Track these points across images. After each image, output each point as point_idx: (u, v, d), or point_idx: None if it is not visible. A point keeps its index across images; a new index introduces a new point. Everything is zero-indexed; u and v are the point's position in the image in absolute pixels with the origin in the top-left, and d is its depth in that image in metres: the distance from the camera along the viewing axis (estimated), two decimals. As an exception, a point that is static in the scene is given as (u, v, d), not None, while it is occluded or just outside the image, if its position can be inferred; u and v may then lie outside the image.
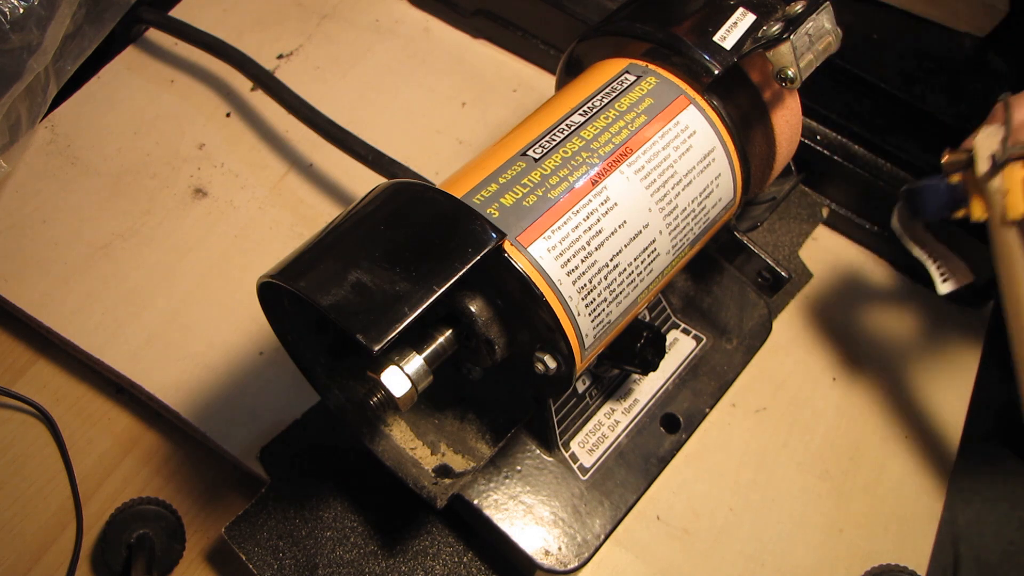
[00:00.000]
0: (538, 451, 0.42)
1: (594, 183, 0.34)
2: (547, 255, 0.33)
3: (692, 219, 0.37)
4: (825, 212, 0.57)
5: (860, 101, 0.55)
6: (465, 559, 0.44)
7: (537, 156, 0.35)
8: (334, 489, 0.45)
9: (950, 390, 0.52)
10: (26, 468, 0.49)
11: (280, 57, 0.64)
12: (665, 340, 0.40)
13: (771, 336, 0.53)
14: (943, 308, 0.54)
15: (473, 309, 0.34)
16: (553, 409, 0.41)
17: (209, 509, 0.49)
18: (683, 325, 0.48)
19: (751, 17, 0.38)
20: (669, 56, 0.38)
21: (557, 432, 0.42)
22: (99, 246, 0.55)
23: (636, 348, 0.38)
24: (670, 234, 0.36)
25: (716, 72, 0.37)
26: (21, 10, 0.51)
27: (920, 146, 0.53)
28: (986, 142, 0.39)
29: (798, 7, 0.37)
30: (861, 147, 0.54)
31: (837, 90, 0.55)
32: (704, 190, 0.37)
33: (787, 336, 0.54)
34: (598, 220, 0.34)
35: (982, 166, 0.39)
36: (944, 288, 0.44)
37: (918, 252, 0.45)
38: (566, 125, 0.36)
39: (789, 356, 0.53)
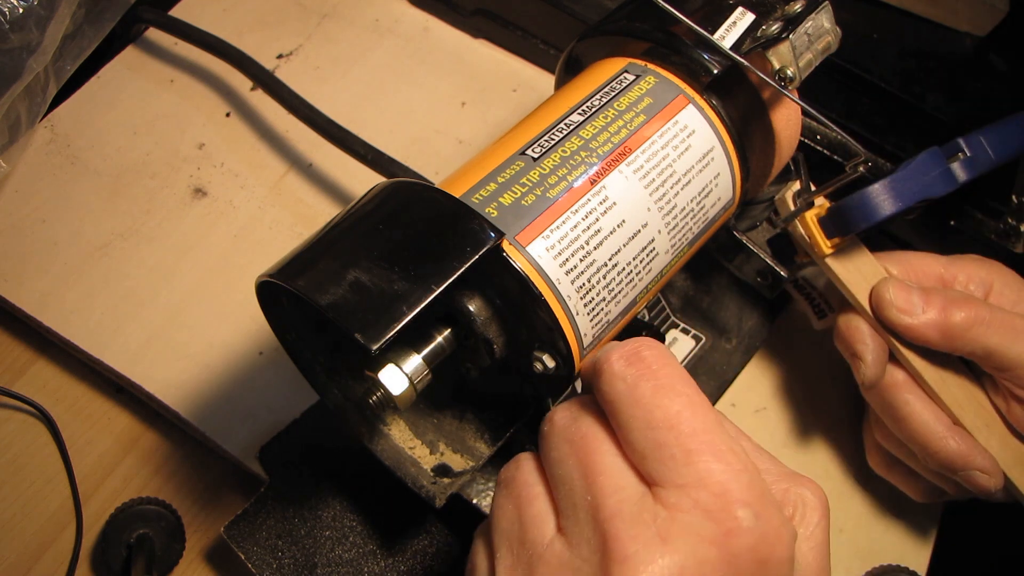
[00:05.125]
0: (538, 451, 0.42)
1: (593, 182, 0.34)
2: (546, 254, 0.33)
3: (691, 218, 0.37)
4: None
5: (860, 101, 0.55)
6: (464, 559, 0.44)
7: (536, 155, 0.35)
8: (333, 488, 0.45)
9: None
10: (26, 468, 0.49)
11: (280, 57, 0.64)
12: (664, 340, 0.40)
13: (770, 335, 0.53)
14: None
15: (472, 308, 0.34)
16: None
17: (209, 509, 0.49)
18: (682, 324, 0.48)
19: (750, 16, 0.38)
20: (668, 55, 0.38)
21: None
22: (99, 246, 0.55)
23: (635, 347, 0.38)
24: (669, 233, 0.36)
25: (715, 71, 0.37)
26: (21, 10, 0.51)
27: (920, 146, 0.53)
28: (784, 196, 0.44)
29: (797, 6, 0.37)
30: (861, 147, 0.54)
31: (837, 90, 0.55)
32: (703, 189, 0.37)
33: (786, 336, 0.54)
34: (597, 219, 0.34)
35: (783, 216, 0.43)
36: (820, 325, 0.47)
37: (796, 296, 0.47)
38: (565, 124, 0.36)
39: (788, 356, 0.53)
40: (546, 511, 0.29)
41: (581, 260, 0.33)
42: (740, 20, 0.38)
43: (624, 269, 0.35)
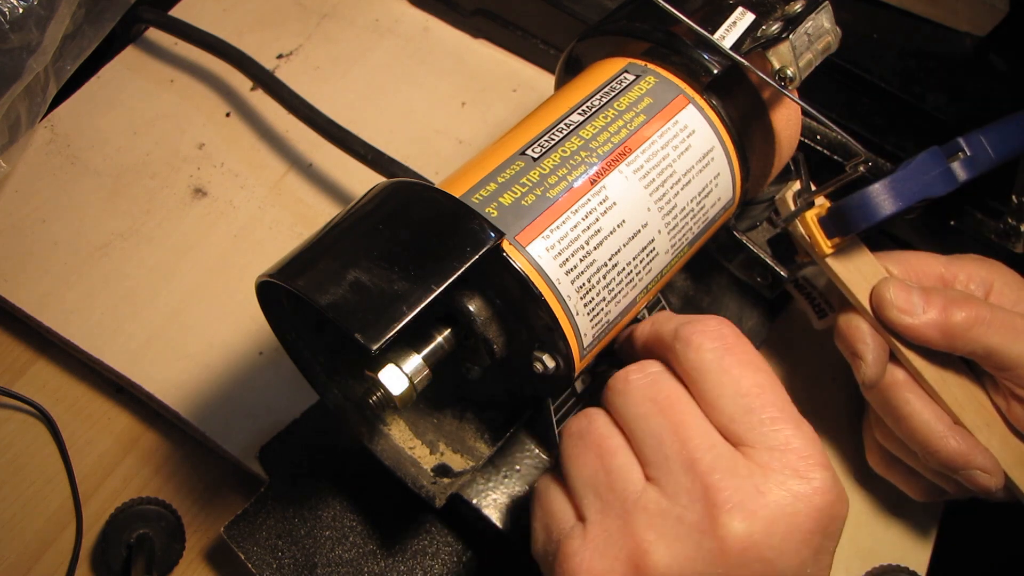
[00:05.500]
0: (537, 451, 0.42)
1: (593, 182, 0.34)
2: (545, 254, 0.32)
3: (691, 218, 0.37)
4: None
5: (860, 101, 0.55)
6: (464, 558, 0.44)
7: (536, 155, 0.35)
8: (333, 488, 0.45)
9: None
10: (26, 468, 0.49)
11: (280, 57, 0.64)
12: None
13: (770, 335, 0.53)
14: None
15: (472, 308, 0.34)
16: (552, 409, 0.41)
17: (209, 509, 0.49)
18: (683, 325, 0.48)
19: (750, 16, 0.38)
20: (668, 55, 0.38)
21: (556, 432, 0.42)
22: (99, 246, 0.55)
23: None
24: (669, 233, 0.36)
25: (715, 71, 0.37)
26: (21, 10, 0.51)
27: (920, 146, 0.53)
28: (784, 196, 0.44)
29: (797, 6, 0.37)
30: (861, 147, 0.54)
31: (837, 90, 0.55)
32: (703, 189, 0.37)
33: (786, 336, 0.54)
34: (597, 219, 0.34)
35: (783, 216, 0.44)
36: (820, 325, 0.47)
37: (796, 295, 0.47)
38: (565, 124, 0.36)
39: (788, 356, 0.53)
40: (631, 462, 0.31)
41: (581, 260, 0.33)
42: (740, 20, 0.38)
43: (624, 269, 0.35)
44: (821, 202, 0.42)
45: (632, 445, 0.32)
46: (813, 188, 0.43)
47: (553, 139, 0.36)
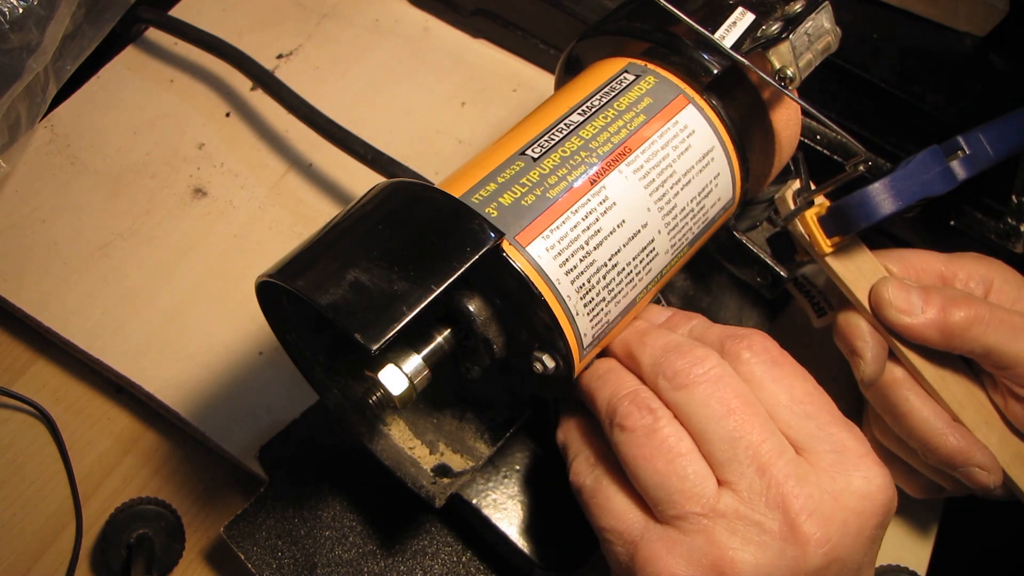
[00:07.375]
0: (537, 451, 0.42)
1: (593, 182, 0.34)
2: (545, 254, 0.32)
3: (691, 218, 0.37)
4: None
5: (860, 101, 0.55)
6: (464, 558, 0.44)
7: (536, 155, 0.35)
8: (333, 488, 0.45)
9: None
10: (26, 468, 0.49)
11: (280, 57, 0.64)
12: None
13: (770, 334, 0.53)
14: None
15: (471, 308, 0.34)
16: (552, 408, 0.41)
17: (209, 509, 0.49)
18: (682, 325, 0.48)
19: (750, 16, 0.38)
20: (668, 55, 0.38)
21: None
22: (99, 246, 0.55)
23: (635, 347, 0.38)
24: (669, 233, 0.36)
25: (715, 71, 0.37)
26: (20, 10, 0.51)
27: (920, 146, 0.53)
28: (784, 195, 0.44)
29: (797, 6, 0.37)
30: (861, 146, 0.54)
31: (837, 90, 0.55)
32: (703, 190, 0.37)
33: (786, 335, 0.53)
34: (597, 220, 0.34)
35: (783, 215, 0.44)
36: (819, 323, 0.47)
37: (796, 294, 0.47)
38: (565, 124, 0.36)
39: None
40: (705, 467, 0.32)
41: (581, 260, 0.33)
42: (740, 20, 0.38)
43: (624, 269, 0.35)
44: (821, 201, 0.42)
45: (700, 445, 0.32)
46: (813, 187, 0.43)
47: (553, 139, 0.36)
